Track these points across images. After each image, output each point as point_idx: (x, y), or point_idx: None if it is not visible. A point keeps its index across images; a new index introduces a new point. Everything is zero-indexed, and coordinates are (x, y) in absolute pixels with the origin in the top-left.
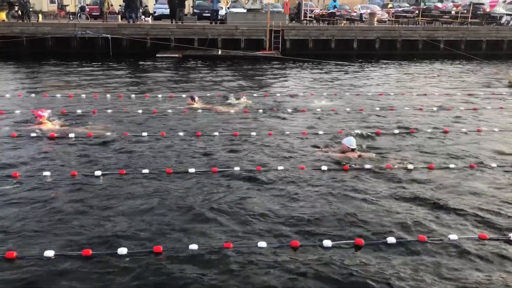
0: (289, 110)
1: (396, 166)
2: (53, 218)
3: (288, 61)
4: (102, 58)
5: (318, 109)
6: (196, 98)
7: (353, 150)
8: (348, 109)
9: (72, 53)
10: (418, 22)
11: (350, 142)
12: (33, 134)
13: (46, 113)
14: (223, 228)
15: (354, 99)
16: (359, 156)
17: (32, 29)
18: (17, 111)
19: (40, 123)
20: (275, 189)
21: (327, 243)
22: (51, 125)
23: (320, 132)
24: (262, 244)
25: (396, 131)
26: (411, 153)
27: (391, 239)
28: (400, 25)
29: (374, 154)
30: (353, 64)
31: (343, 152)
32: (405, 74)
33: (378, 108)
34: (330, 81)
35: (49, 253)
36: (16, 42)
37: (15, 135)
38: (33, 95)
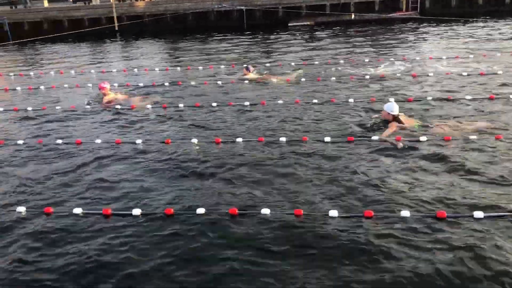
0: (430, 75)
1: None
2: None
3: (428, 21)
4: (236, 30)
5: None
6: (251, 68)
7: (394, 117)
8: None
9: (209, 27)
10: None
11: (391, 107)
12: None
13: (107, 85)
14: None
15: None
16: (400, 123)
17: (174, 5)
18: (166, 83)
19: (104, 94)
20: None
21: (333, 213)
22: (113, 95)
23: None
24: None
25: None
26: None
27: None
28: None
29: (416, 123)
30: (508, 20)
31: (385, 119)
32: None
33: None
34: (478, 41)
35: (78, 210)
36: (161, 19)
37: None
38: (178, 68)
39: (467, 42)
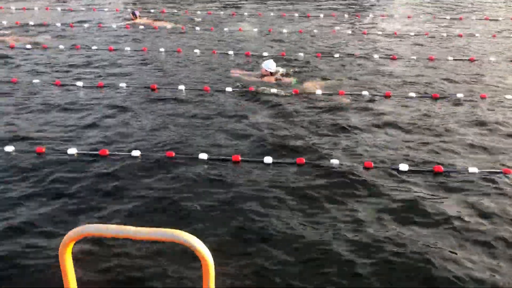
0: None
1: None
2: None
3: None
4: None
5: None
6: (137, 13)
7: (271, 73)
8: None
9: None
10: None
11: (268, 65)
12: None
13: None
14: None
15: None
16: (276, 79)
17: None
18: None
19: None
20: None
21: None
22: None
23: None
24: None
25: None
26: None
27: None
28: None
29: (293, 79)
30: None
31: (262, 76)
32: None
33: None
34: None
35: (72, 150)
36: None
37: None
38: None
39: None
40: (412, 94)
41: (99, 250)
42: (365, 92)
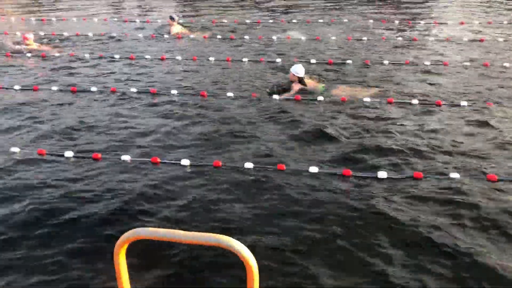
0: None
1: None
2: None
3: None
4: None
5: None
6: (175, 17)
7: (299, 78)
8: None
9: None
10: None
11: (296, 69)
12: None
13: (31, 35)
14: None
15: None
16: (304, 85)
17: None
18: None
19: (27, 44)
20: None
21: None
22: (35, 46)
23: None
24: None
25: None
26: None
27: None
28: None
29: (321, 85)
30: None
31: (292, 81)
32: None
33: None
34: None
35: (126, 157)
36: None
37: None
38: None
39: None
40: (464, 103)
41: (150, 252)
42: (415, 101)
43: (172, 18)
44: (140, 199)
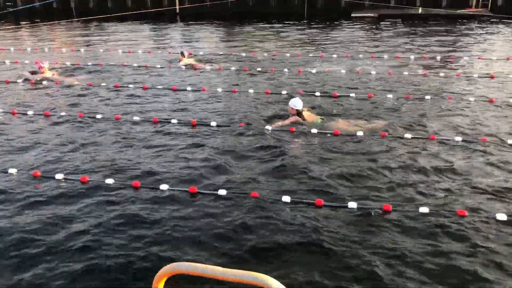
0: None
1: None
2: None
3: (500, 19)
4: (297, 18)
5: None
6: (185, 53)
7: (297, 112)
8: None
9: (270, 13)
10: None
11: (294, 102)
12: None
13: (46, 64)
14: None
15: None
16: (301, 118)
17: None
18: (232, 69)
19: (42, 72)
20: None
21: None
22: (49, 74)
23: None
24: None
25: None
26: None
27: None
28: None
29: (319, 118)
30: None
31: (290, 114)
32: None
33: None
34: None
35: (164, 187)
36: (224, 4)
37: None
38: (243, 54)
39: None
40: (511, 141)
41: (186, 281)
42: (458, 138)
43: (182, 54)
44: (175, 230)
